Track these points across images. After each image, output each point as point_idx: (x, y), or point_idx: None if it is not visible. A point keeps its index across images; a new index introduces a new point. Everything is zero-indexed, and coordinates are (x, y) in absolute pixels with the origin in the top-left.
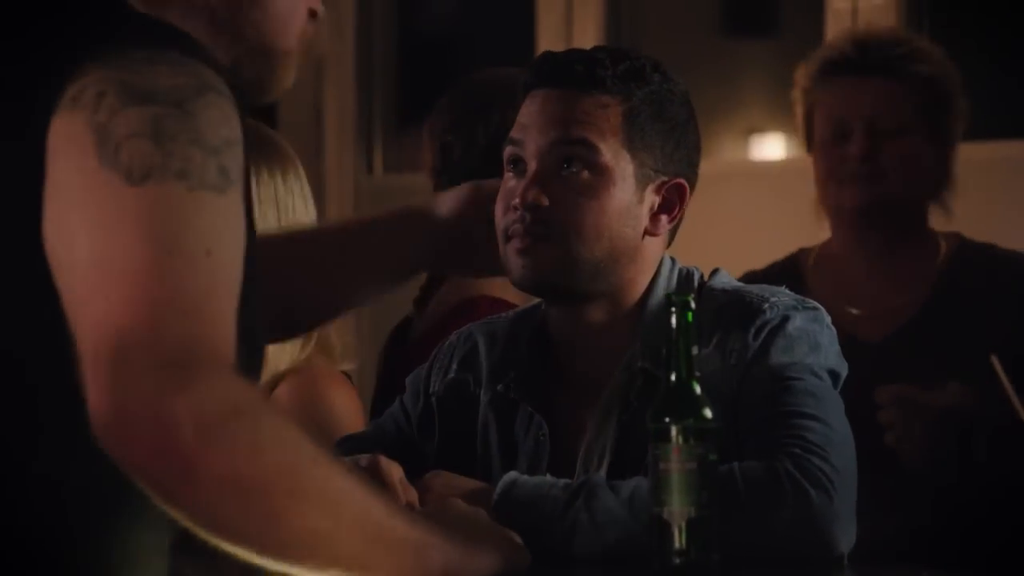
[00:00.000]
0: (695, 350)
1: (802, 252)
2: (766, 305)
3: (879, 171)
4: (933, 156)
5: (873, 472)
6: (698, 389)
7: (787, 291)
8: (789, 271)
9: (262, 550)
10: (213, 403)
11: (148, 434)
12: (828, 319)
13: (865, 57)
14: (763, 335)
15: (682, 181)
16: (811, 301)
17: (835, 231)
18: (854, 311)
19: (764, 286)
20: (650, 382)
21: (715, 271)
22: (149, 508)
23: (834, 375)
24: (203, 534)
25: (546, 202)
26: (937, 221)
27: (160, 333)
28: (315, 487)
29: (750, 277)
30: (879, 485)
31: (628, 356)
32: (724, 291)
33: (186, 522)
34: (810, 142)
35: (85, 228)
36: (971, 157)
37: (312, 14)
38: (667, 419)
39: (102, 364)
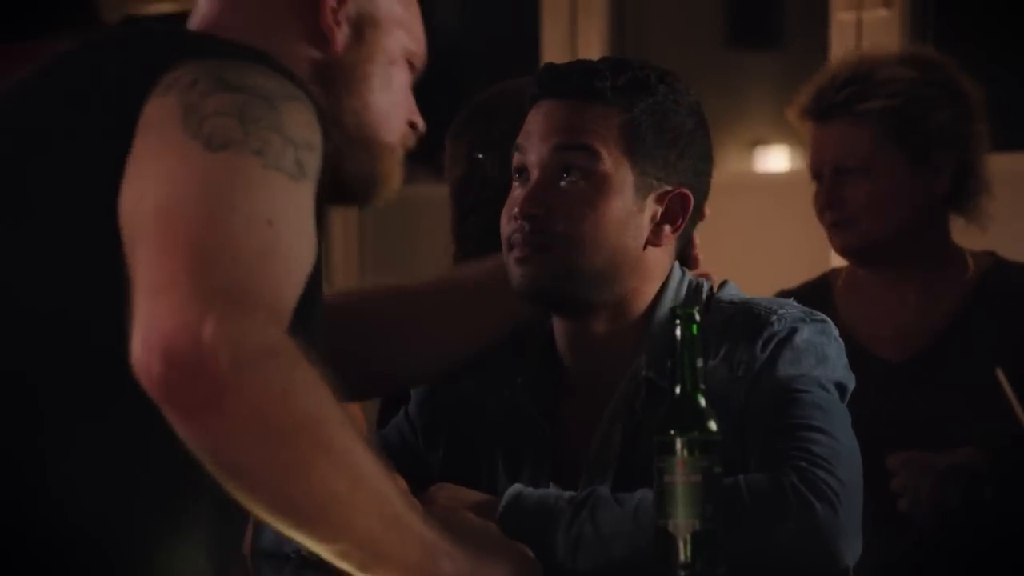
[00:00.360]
0: (700, 363)
1: (833, 272)
2: (774, 317)
3: (848, 217)
4: (922, 182)
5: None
6: (703, 401)
7: (795, 303)
8: (819, 291)
9: (276, 505)
10: (253, 339)
11: (184, 355)
12: (836, 331)
13: (820, 103)
14: (770, 347)
15: (685, 191)
16: (819, 313)
17: None
18: (880, 332)
19: (772, 298)
20: (654, 392)
21: (723, 283)
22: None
23: (841, 388)
24: (223, 479)
25: (545, 212)
26: (973, 234)
27: (213, 275)
28: (339, 447)
29: (781, 296)
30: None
31: (634, 366)
32: (732, 303)
33: (209, 463)
34: None
35: (155, 182)
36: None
37: (412, 125)
38: (672, 431)
39: (152, 295)
